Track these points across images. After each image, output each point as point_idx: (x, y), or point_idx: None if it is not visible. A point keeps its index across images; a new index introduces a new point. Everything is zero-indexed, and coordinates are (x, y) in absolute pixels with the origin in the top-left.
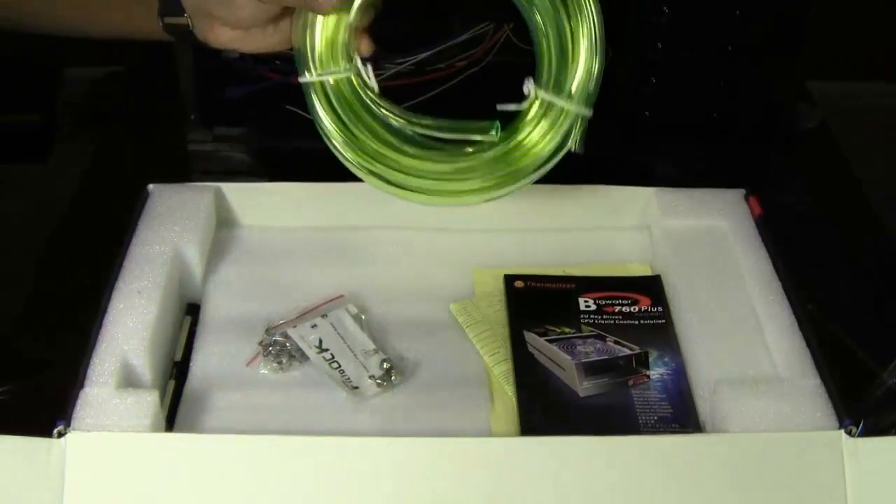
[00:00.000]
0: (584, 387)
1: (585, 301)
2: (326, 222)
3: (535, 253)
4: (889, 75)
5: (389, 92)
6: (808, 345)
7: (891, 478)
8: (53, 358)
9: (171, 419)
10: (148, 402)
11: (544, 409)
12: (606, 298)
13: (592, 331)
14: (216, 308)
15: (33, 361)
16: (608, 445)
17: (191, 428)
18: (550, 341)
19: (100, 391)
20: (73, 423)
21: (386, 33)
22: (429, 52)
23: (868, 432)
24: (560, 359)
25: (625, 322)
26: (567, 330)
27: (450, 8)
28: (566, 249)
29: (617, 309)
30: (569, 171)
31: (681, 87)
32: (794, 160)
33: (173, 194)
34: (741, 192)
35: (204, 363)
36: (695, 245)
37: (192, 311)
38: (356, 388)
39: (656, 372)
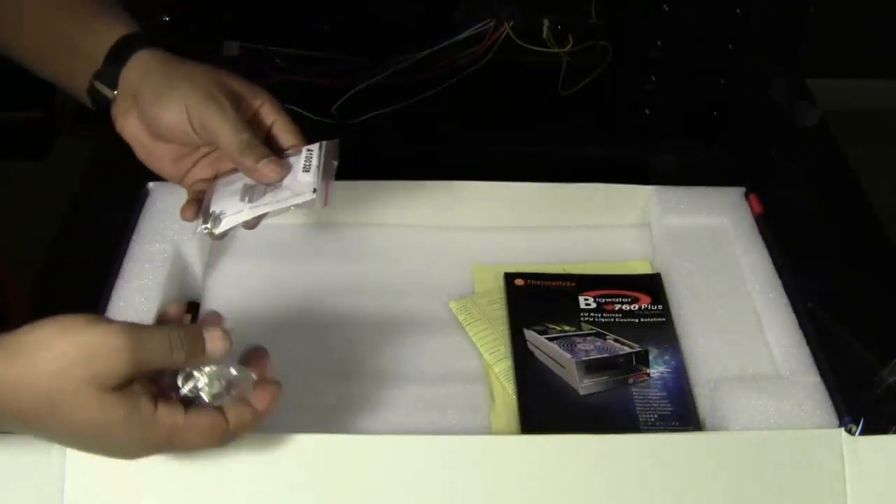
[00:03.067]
0: (585, 385)
1: (585, 299)
2: (327, 219)
3: (535, 251)
4: (889, 74)
5: (390, 91)
6: (808, 343)
7: (890, 476)
8: None
9: None
10: None
11: (544, 407)
12: (606, 296)
13: (592, 329)
14: (216, 305)
15: None
16: (608, 443)
17: None
18: (550, 339)
19: None
20: None
21: (386, 32)
22: (429, 51)
23: (868, 430)
24: (560, 357)
25: (625, 320)
26: (567, 328)
27: (450, 6)
28: (566, 247)
29: (617, 307)
30: (569, 169)
31: (681, 86)
32: (794, 158)
33: (173, 192)
34: (741, 190)
35: None
36: (695, 243)
37: (192, 308)
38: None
39: (656, 370)
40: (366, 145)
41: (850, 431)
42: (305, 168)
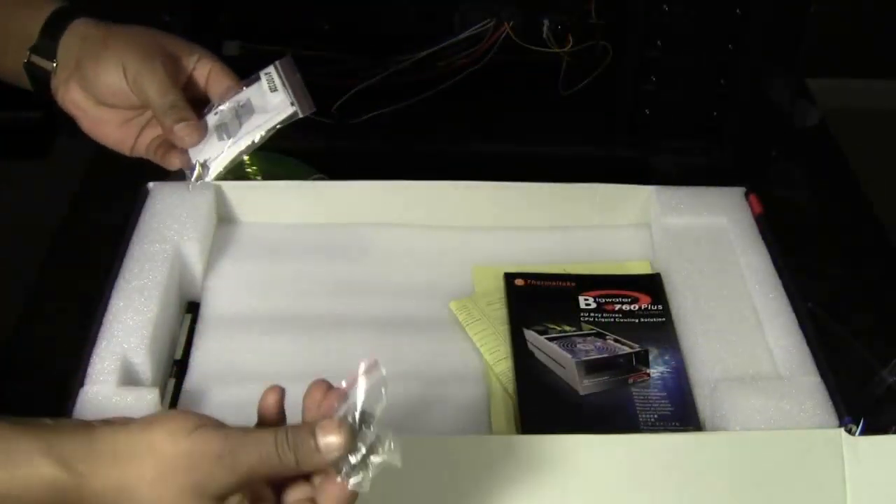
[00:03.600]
0: (585, 385)
1: (585, 299)
2: (326, 220)
3: (535, 251)
4: (889, 74)
5: (390, 91)
6: (809, 343)
7: (890, 476)
8: (54, 356)
9: None
10: (148, 401)
11: (544, 408)
12: (606, 296)
13: (592, 329)
14: (216, 305)
15: (34, 360)
16: (608, 443)
17: None
18: (550, 339)
19: (100, 389)
20: None
21: (386, 32)
22: (429, 50)
23: (868, 430)
24: (560, 357)
25: (625, 320)
26: (567, 328)
27: (450, 6)
28: (566, 247)
29: (617, 307)
30: (569, 169)
31: (681, 86)
32: (793, 158)
33: (173, 192)
34: (741, 190)
35: (203, 360)
36: (695, 243)
37: (192, 308)
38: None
39: (656, 370)
40: (366, 145)
41: (850, 431)
42: (272, 89)
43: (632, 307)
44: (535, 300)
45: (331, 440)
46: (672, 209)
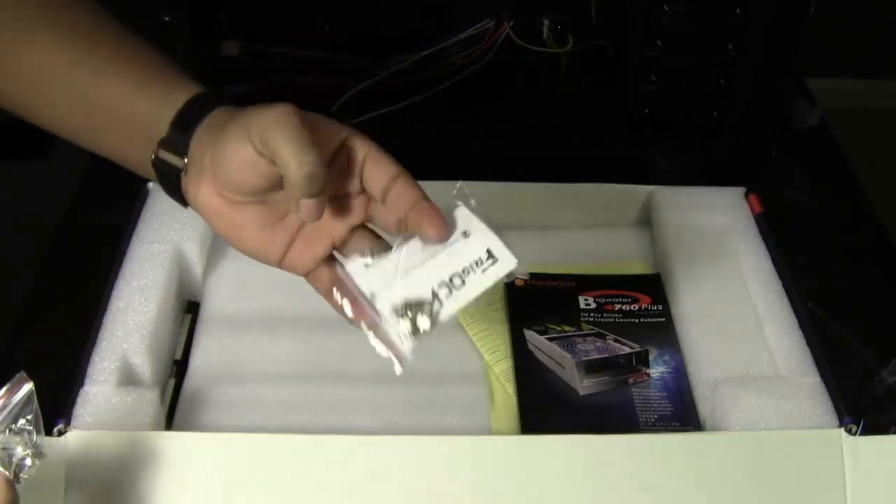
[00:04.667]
0: (585, 385)
1: (585, 299)
2: None
3: (535, 251)
4: (889, 74)
5: (390, 91)
6: (809, 343)
7: (890, 476)
8: (54, 356)
9: (171, 417)
10: (148, 401)
11: (544, 408)
12: (606, 297)
13: (592, 329)
14: (216, 305)
15: (33, 360)
16: (608, 443)
17: (189, 425)
18: (550, 339)
19: (100, 389)
20: (74, 421)
21: (386, 32)
22: (429, 50)
23: (868, 430)
24: (560, 357)
25: (625, 320)
26: (567, 328)
27: (450, 6)
28: (566, 247)
29: (617, 307)
30: (569, 169)
31: (681, 85)
32: (793, 158)
33: None
34: (741, 190)
35: (203, 360)
36: (695, 243)
37: (192, 308)
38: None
39: (656, 370)
40: None
41: (850, 431)
42: (465, 234)
43: (632, 307)
44: (535, 300)
45: None
46: (672, 209)
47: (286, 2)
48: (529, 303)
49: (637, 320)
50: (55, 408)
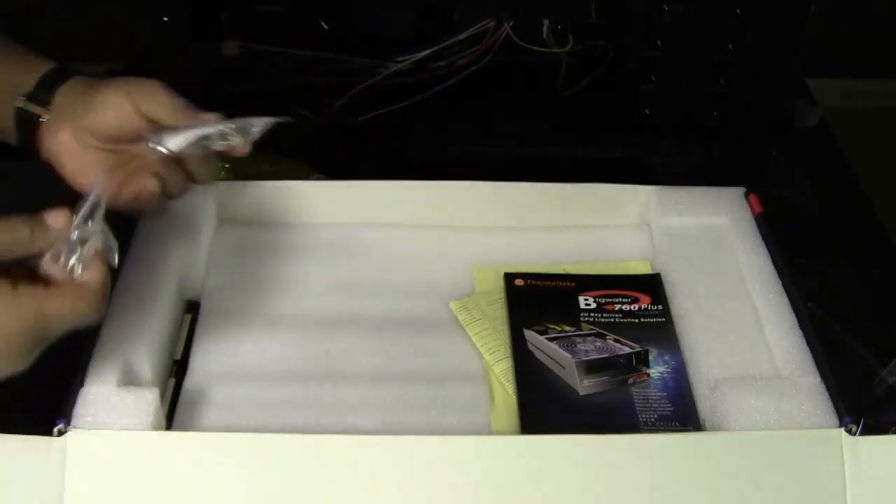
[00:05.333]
0: (585, 385)
1: (585, 299)
2: (327, 220)
3: (535, 251)
4: (889, 74)
5: (390, 91)
6: (809, 343)
7: (890, 476)
8: (53, 356)
9: (171, 417)
10: (148, 401)
11: (544, 407)
12: (606, 296)
13: (592, 329)
14: (216, 305)
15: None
16: (608, 443)
17: (189, 425)
18: (550, 339)
19: (100, 389)
20: (74, 421)
21: (386, 32)
22: (429, 50)
23: (868, 430)
24: (560, 357)
25: (625, 320)
26: (567, 328)
27: (450, 6)
28: (566, 248)
29: (617, 307)
30: (569, 169)
31: (681, 85)
32: (793, 158)
33: None
34: (741, 190)
35: (203, 360)
36: (695, 243)
37: (192, 308)
38: None
39: (656, 370)
40: (366, 145)
41: (850, 431)
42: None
43: (632, 307)
44: (535, 300)
45: (53, 217)
46: (672, 209)
47: (286, 2)
48: (529, 302)
49: (637, 320)
50: (55, 408)
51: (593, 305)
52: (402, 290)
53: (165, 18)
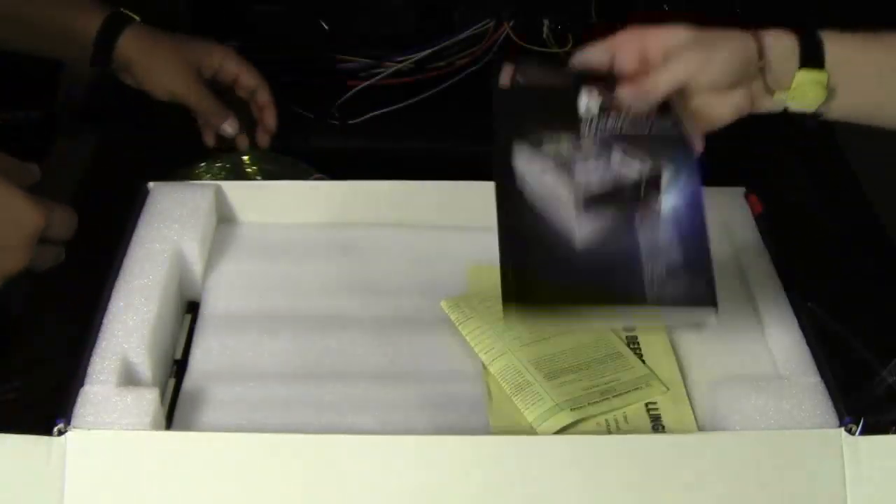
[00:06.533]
0: (583, 233)
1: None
2: (325, 219)
3: None
4: None
5: (390, 91)
6: (809, 343)
7: (890, 476)
8: (53, 356)
9: (171, 417)
10: (148, 400)
11: (534, 272)
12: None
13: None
14: (216, 305)
15: (33, 360)
16: (609, 443)
17: (189, 425)
18: (544, 171)
19: (100, 389)
20: (74, 421)
21: (386, 32)
22: (429, 50)
23: (868, 430)
24: (557, 193)
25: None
26: (565, 140)
27: (450, 6)
28: None
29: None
30: None
31: None
32: (794, 158)
33: (173, 192)
34: (741, 190)
35: (203, 360)
36: None
37: (192, 308)
38: None
39: (669, 202)
40: (366, 145)
41: (850, 431)
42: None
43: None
44: (526, 106)
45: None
46: None
47: (286, 2)
48: (520, 112)
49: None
50: (55, 407)
51: (596, 110)
52: (401, 290)
53: (166, 18)
